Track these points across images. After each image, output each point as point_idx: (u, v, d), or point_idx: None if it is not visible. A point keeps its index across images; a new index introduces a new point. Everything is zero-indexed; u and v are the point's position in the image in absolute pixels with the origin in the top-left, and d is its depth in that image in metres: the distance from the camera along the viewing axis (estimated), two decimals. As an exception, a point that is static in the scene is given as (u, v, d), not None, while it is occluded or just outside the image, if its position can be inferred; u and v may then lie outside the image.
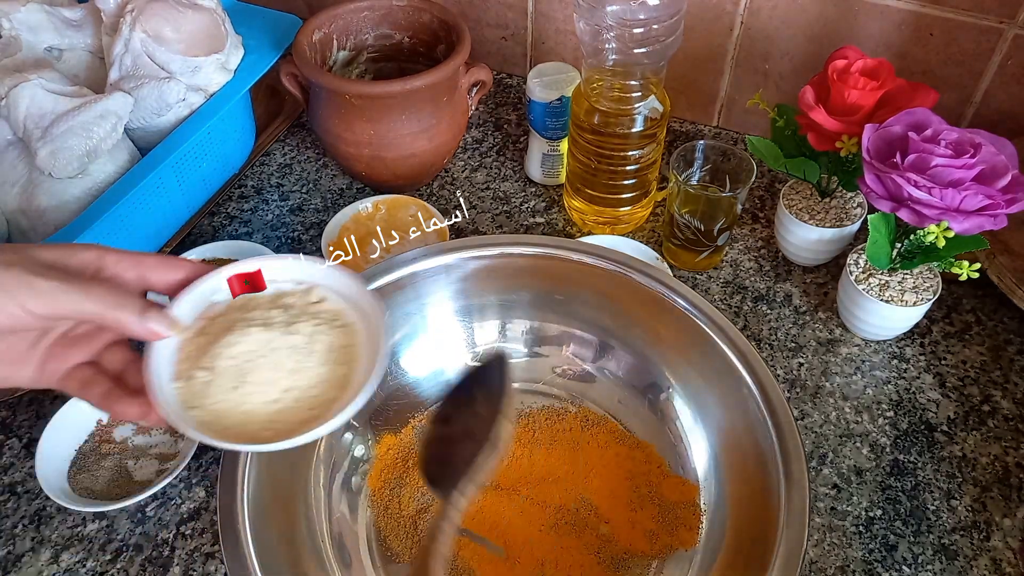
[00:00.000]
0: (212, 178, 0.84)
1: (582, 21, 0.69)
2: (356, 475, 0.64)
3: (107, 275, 0.42)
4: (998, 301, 0.76)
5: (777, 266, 0.80)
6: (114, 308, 0.39)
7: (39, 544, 0.62)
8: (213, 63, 0.76)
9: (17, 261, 0.38)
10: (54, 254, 0.41)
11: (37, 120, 0.68)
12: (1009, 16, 0.74)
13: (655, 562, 0.59)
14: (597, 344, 0.70)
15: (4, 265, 0.38)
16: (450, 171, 0.91)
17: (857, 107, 0.68)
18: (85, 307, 0.39)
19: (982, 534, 0.62)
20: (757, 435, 0.58)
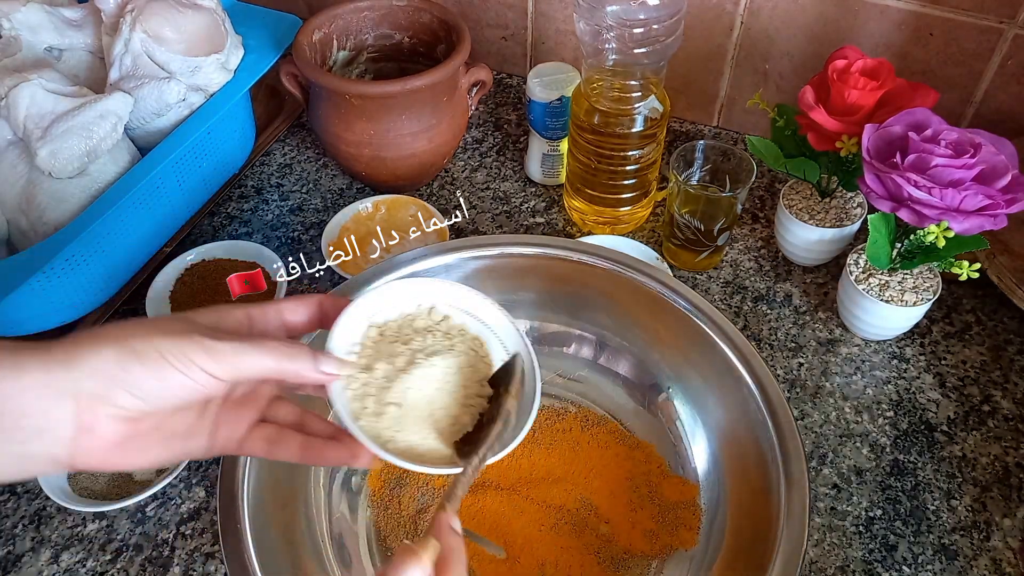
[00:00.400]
0: (212, 178, 0.84)
1: (582, 21, 0.69)
2: (356, 475, 0.64)
3: (257, 330, 0.43)
4: (998, 301, 0.76)
5: (777, 266, 0.80)
6: (290, 360, 0.40)
7: (39, 544, 0.62)
8: (213, 63, 0.76)
9: (190, 329, 0.38)
10: (210, 318, 0.41)
11: (37, 120, 0.68)
12: (1009, 16, 0.74)
13: (655, 562, 0.59)
14: (597, 344, 0.70)
15: (181, 334, 0.37)
16: (450, 171, 0.91)
17: (857, 107, 0.68)
18: (265, 364, 0.39)
19: (982, 534, 0.62)
20: (757, 435, 0.58)
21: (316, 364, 0.41)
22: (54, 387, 0.35)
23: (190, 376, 0.37)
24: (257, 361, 0.39)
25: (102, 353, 0.36)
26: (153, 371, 0.37)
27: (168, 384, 0.37)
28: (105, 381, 0.36)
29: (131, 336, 0.37)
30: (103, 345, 0.36)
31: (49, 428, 0.36)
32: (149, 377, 0.37)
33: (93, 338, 0.37)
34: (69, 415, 0.36)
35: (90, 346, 0.36)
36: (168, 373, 0.37)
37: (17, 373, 0.35)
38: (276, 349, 0.40)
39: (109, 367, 0.36)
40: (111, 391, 0.36)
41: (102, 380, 0.36)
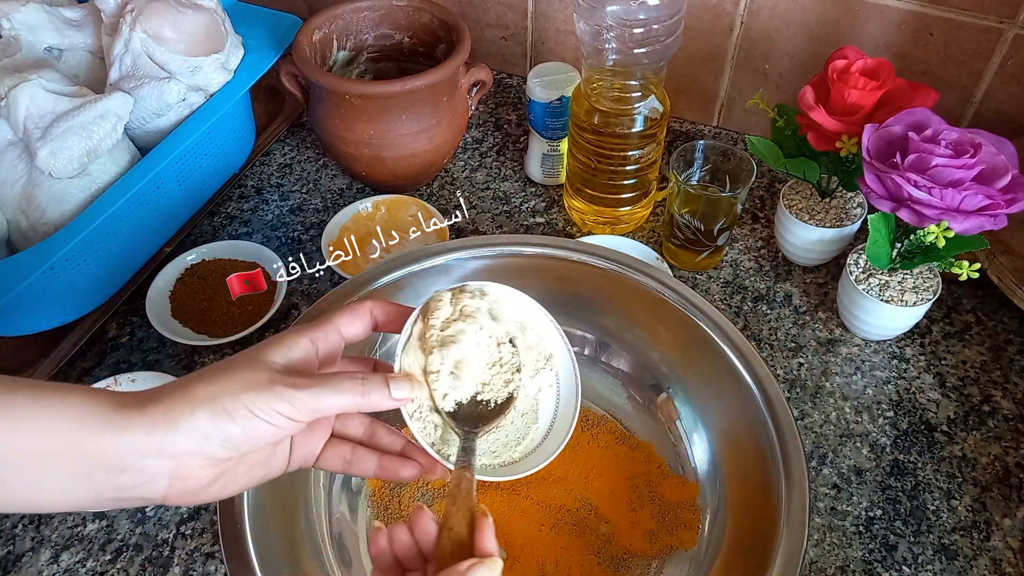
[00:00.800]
0: (212, 178, 0.84)
1: (582, 21, 0.69)
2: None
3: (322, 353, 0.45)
4: (998, 301, 0.76)
5: (777, 266, 0.80)
6: (364, 396, 0.42)
7: (39, 544, 0.62)
8: (213, 63, 0.76)
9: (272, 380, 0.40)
10: (280, 355, 0.43)
11: (37, 120, 0.68)
12: (1009, 16, 0.74)
13: (655, 562, 0.59)
14: (597, 344, 0.70)
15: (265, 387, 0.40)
16: (450, 171, 0.91)
17: (857, 107, 0.68)
18: (344, 403, 0.42)
19: (982, 534, 0.62)
20: (757, 435, 0.58)
21: (390, 393, 0.44)
22: (155, 448, 0.39)
23: (276, 425, 0.41)
24: (336, 401, 0.42)
25: (196, 416, 0.39)
26: (244, 427, 0.40)
27: (257, 434, 0.40)
28: (201, 440, 0.39)
29: (220, 395, 0.40)
30: (197, 408, 0.39)
31: (147, 481, 0.40)
32: (240, 432, 0.40)
33: (186, 399, 0.40)
34: (166, 471, 0.40)
35: (185, 408, 0.39)
36: (257, 425, 0.40)
37: (124, 433, 0.39)
38: (352, 387, 0.42)
39: (205, 427, 0.39)
40: (205, 447, 0.40)
41: (198, 439, 0.39)
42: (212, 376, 0.41)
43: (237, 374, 0.41)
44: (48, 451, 0.38)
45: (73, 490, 0.39)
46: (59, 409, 0.38)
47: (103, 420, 0.39)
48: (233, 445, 0.40)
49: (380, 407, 0.44)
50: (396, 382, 0.44)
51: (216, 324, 0.74)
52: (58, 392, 0.39)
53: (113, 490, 0.39)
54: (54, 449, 0.38)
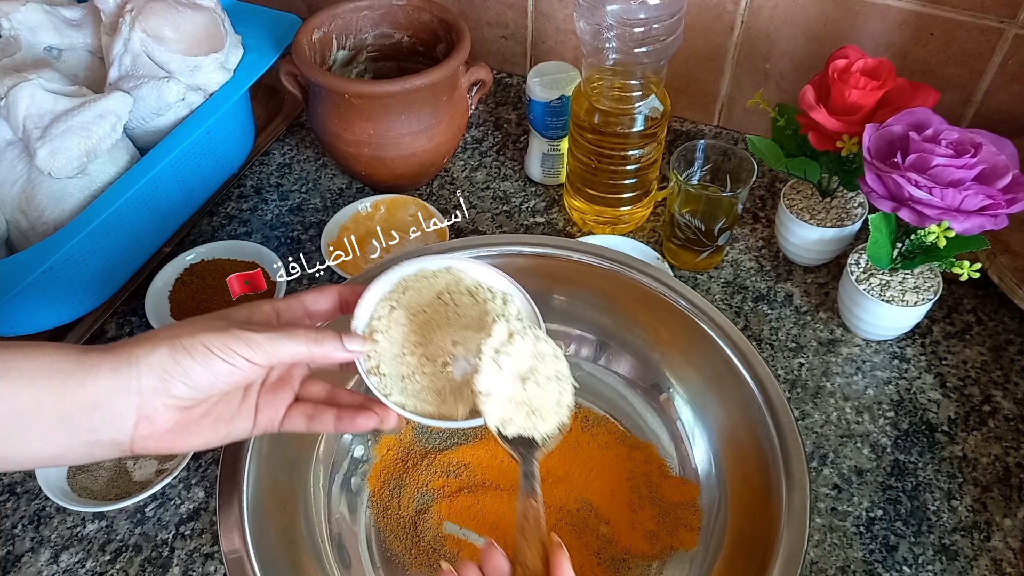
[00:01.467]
0: (211, 178, 0.84)
1: (582, 20, 0.69)
2: (356, 476, 0.64)
3: (284, 320, 0.48)
4: (999, 301, 0.76)
5: (778, 266, 0.80)
6: (318, 344, 0.45)
7: (39, 544, 0.62)
8: (212, 63, 0.76)
9: (228, 325, 0.44)
10: (242, 314, 0.47)
11: (36, 120, 0.67)
12: (1009, 16, 0.74)
13: (655, 563, 0.59)
14: (597, 344, 0.70)
15: (222, 329, 0.43)
16: (450, 171, 0.91)
17: (858, 107, 0.68)
18: (297, 349, 0.45)
19: (982, 534, 0.61)
20: (758, 435, 0.58)
21: (343, 343, 0.46)
22: (121, 385, 0.41)
23: (233, 364, 0.43)
24: (290, 347, 0.44)
25: (157, 351, 0.42)
26: (202, 362, 0.42)
27: (215, 372, 0.43)
28: (162, 375, 0.42)
29: (179, 335, 0.43)
30: (157, 345, 0.42)
31: (116, 419, 0.42)
32: (199, 367, 0.42)
33: (148, 339, 0.43)
34: (132, 407, 0.42)
35: (146, 347, 0.42)
36: (214, 363, 0.42)
37: (93, 373, 0.41)
38: (306, 335, 0.45)
39: (165, 362, 0.42)
40: (167, 383, 0.42)
41: (159, 374, 0.42)
42: (175, 324, 0.45)
43: (198, 322, 0.44)
44: (24, 402, 0.40)
45: (50, 439, 0.41)
46: (32, 361, 0.41)
47: (75, 363, 0.41)
48: (193, 382, 0.42)
49: (334, 357, 0.46)
50: (349, 336, 0.47)
51: (216, 324, 0.73)
52: (29, 347, 0.41)
53: (86, 431, 0.41)
54: (30, 399, 0.40)
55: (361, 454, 0.65)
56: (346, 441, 0.65)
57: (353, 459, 0.65)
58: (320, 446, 0.64)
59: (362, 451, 0.65)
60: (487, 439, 0.66)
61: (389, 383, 0.49)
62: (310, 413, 0.49)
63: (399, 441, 0.66)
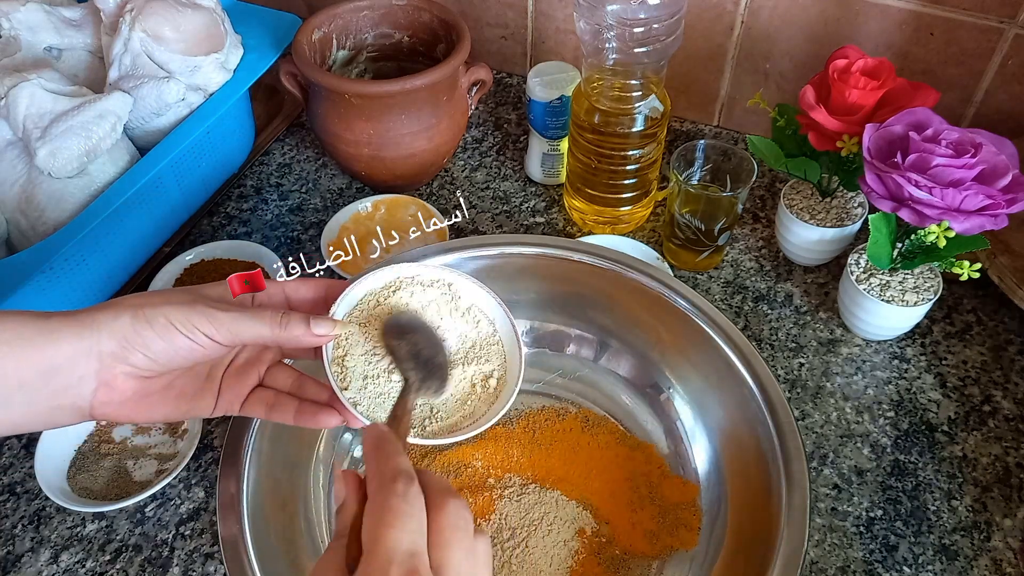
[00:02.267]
0: (211, 178, 0.84)
1: (582, 20, 0.68)
2: (356, 475, 0.64)
3: (259, 301, 0.47)
4: (999, 301, 0.76)
5: (778, 266, 0.80)
6: (284, 328, 0.44)
7: (39, 544, 0.62)
8: (212, 63, 0.76)
9: (195, 300, 0.43)
10: (217, 291, 0.46)
11: (36, 120, 0.67)
12: (1009, 16, 0.74)
13: (655, 563, 0.59)
14: (597, 344, 0.70)
15: (187, 304, 0.43)
16: (450, 171, 0.91)
17: (858, 107, 0.68)
18: (262, 331, 0.44)
19: (982, 534, 0.61)
20: (758, 435, 0.58)
21: (310, 328, 0.45)
22: (82, 348, 0.41)
23: (194, 340, 0.42)
24: (254, 328, 0.43)
25: (120, 318, 0.42)
26: (161, 335, 0.42)
27: (175, 346, 0.42)
28: (122, 342, 0.42)
29: (144, 305, 0.42)
30: (120, 312, 0.42)
31: (76, 383, 0.42)
32: (158, 340, 0.42)
33: (112, 306, 0.42)
34: (92, 372, 0.42)
35: (110, 312, 0.42)
36: (174, 336, 0.42)
37: (54, 337, 0.41)
38: (272, 318, 0.44)
39: (126, 330, 0.42)
40: (127, 351, 0.42)
41: (119, 341, 0.42)
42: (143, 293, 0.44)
43: (167, 294, 0.44)
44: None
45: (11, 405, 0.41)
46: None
47: (35, 329, 0.41)
48: (153, 355, 0.42)
49: (300, 341, 0.45)
50: (317, 320, 0.45)
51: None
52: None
53: (47, 397, 0.41)
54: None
55: (361, 454, 0.65)
56: (346, 441, 0.65)
57: (353, 459, 0.65)
58: (320, 446, 0.64)
59: (362, 451, 0.65)
60: (487, 439, 0.66)
61: (350, 378, 0.47)
62: (271, 402, 0.48)
63: (399, 441, 0.66)
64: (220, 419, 0.68)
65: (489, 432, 0.66)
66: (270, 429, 0.59)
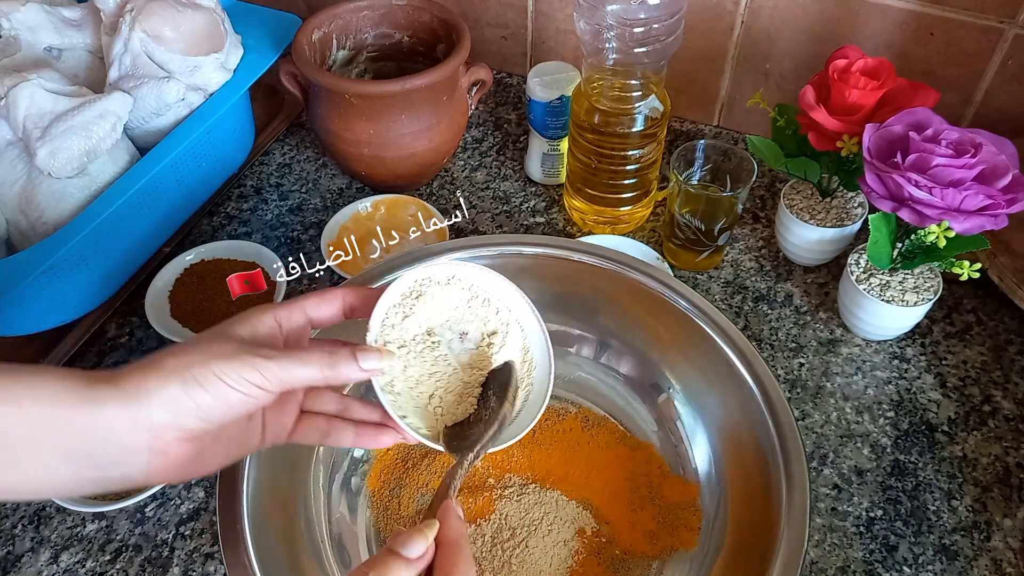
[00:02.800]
0: (211, 178, 0.84)
1: (582, 20, 0.68)
2: (356, 476, 0.64)
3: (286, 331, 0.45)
4: (999, 301, 0.76)
5: (778, 266, 0.80)
6: (332, 368, 0.42)
7: (39, 544, 0.62)
8: (212, 63, 0.76)
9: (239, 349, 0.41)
10: (245, 329, 0.43)
11: (36, 120, 0.67)
12: (1009, 16, 0.74)
13: (655, 563, 0.59)
14: (597, 344, 0.70)
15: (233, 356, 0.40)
16: (450, 171, 0.91)
17: (858, 107, 0.68)
18: (312, 375, 0.42)
19: (982, 534, 0.61)
20: (758, 435, 0.58)
21: (358, 364, 0.43)
22: (131, 421, 0.39)
23: (247, 393, 0.40)
24: (303, 372, 0.42)
25: (169, 386, 0.39)
26: (215, 395, 0.40)
27: (229, 403, 0.40)
28: (175, 411, 0.39)
29: (190, 365, 0.40)
30: (168, 378, 0.39)
31: (126, 456, 0.39)
32: (212, 400, 0.40)
33: (156, 371, 0.40)
34: (144, 445, 0.39)
35: (155, 379, 0.39)
36: (228, 394, 0.40)
37: (98, 407, 0.38)
38: (319, 359, 0.42)
39: (177, 398, 0.39)
40: (180, 418, 0.40)
41: (172, 411, 0.39)
42: (180, 349, 0.41)
43: (205, 346, 0.41)
44: (24, 432, 0.38)
45: (53, 472, 0.39)
46: (32, 388, 0.38)
47: (77, 396, 0.38)
48: (206, 415, 0.40)
49: (350, 379, 0.44)
50: (364, 354, 0.44)
51: (215, 324, 0.73)
52: (30, 373, 0.39)
53: (93, 468, 0.39)
54: (30, 430, 0.38)
55: (361, 454, 0.65)
56: (346, 441, 0.65)
57: (353, 459, 0.65)
58: (320, 446, 0.64)
59: (362, 451, 0.65)
60: (487, 439, 0.66)
61: (403, 401, 0.46)
62: (324, 428, 0.48)
63: (399, 441, 0.66)
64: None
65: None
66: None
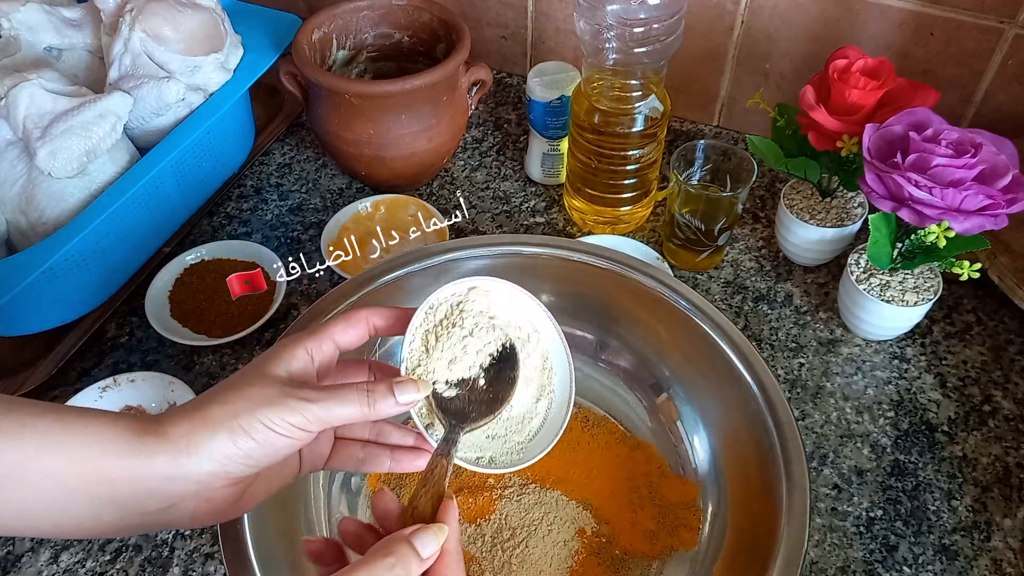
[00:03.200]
0: (211, 178, 0.84)
1: (582, 20, 0.68)
2: (356, 475, 0.64)
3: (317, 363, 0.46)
4: (999, 301, 0.76)
5: (778, 266, 0.80)
6: (371, 407, 0.43)
7: (39, 544, 0.62)
8: (212, 63, 0.76)
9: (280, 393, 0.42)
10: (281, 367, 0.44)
11: (36, 120, 0.67)
12: (1009, 16, 0.74)
13: (655, 563, 0.59)
14: (597, 344, 0.70)
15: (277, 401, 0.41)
16: (450, 171, 0.91)
17: (858, 107, 0.68)
18: (352, 413, 0.43)
19: (982, 534, 0.61)
20: (758, 435, 0.58)
21: (396, 399, 0.44)
22: (180, 473, 0.40)
23: (292, 437, 0.41)
24: (344, 411, 0.43)
25: (217, 438, 0.40)
26: (262, 442, 0.41)
27: (275, 448, 0.42)
28: (223, 462, 0.41)
29: (236, 415, 0.41)
30: (216, 430, 0.40)
31: (173, 505, 0.41)
32: (259, 447, 0.41)
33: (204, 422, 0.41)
34: (191, 494, 0.41)
35: (205, 432, 0.40)
36: (274, 440, 0.41)
37: (148, 460, 0.39)
38: (359, 398, 0.43)
39: (226, 450, 0.40)
40: (227, 467, 0.41)
41: (220, 462, 0.40)
42: (224, 396, 0.42)
43: (248, 391, 0.42)
44: (73, 476, 0.38)
45: (99, 516, 0.40)
46: (83, 434, 0.39)
47: (127, 446, 0.39)
48: (254, 461, 0.41)
49: (389, 415, 0.44)
50: (401, 387, 0.44)
51: (215, 324, 0.74)
52: (82, 417, 0.40)
53: (139, 515, 0.40)
54: (79, 474, 0.38)
55: (361, 454, 0.65)
56: (346, 441, 0.65)
57: (353, 459, 0.65)
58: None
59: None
60: (487, 439, 0.66)
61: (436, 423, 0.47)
62: (360, 456, 0.49)
63: (399, 441, 0.66)
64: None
65: (489, 432, 0.66)
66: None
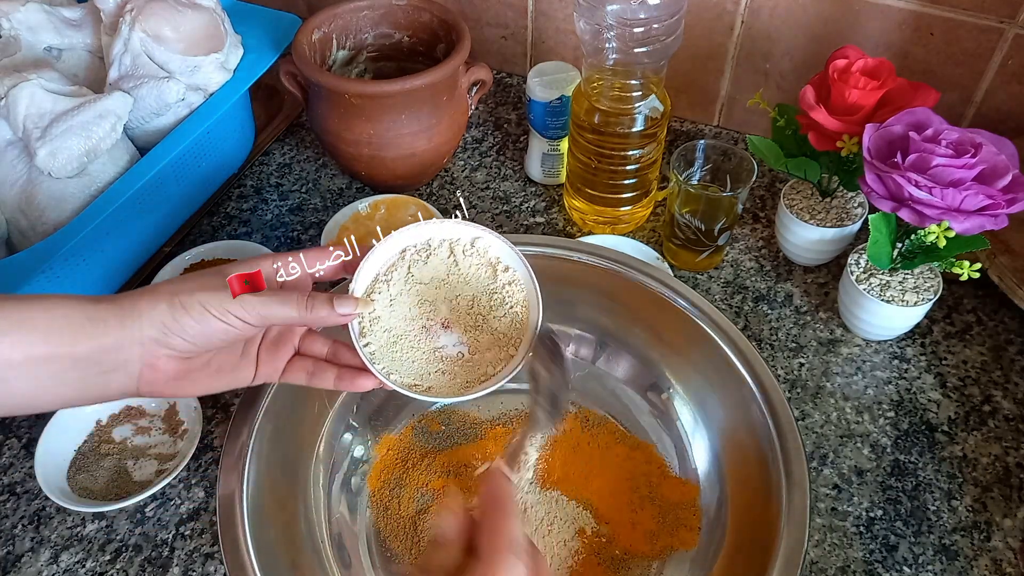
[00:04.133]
0: (211, 178, 0.84)
1: (582, 20, 0.68)
2: (356, 476, 0.64)
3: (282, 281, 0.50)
4: (999, 301, 0.76)
5: (778, 266, 0.80)
6: (309, 310, 0.47)
7: (38, 544, 0.62)
8: (212, 63, 0.76)
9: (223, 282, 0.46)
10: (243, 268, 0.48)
11: (36, 120, 0.67)
12: (1009, 16, 0.74)
13: (655, 563, 0.59)
14: (597, 344, 0.70)
15: (220, 288, 0.46)
16: (450, 171, 0.91)
17: (858, 107, 0.68)
18: (289, 313, 0.47)
19: (982, 534, 0.61)
20: (758, 435, 0.58)
21: (335, 309, 0.48)
22: (126, 336, 0.45)
23: (227, 323, 0.46)
24: (282, 310, 0.47)
25: (157, 307, 0.46)
26: (197, 320, 0.46)
27: (211, 329, 0.46)
28: (161, 329, 0.45)
29: (179, 292, 0.46)
30: (157, 300, 0.46)
31: (123, 365, 0.46)
32: (194, 324, 0.46)
33: (150, 293, 0.46)
34: (137, 356, 0.46)
35: (148, 301, 0.46)
36: (209, 320, 0.46)
37: (102, 327, 0.45)
38: (299, 301, 0.47)
39: (164, 317, 0.45)
40: (167, 336, 0.46)
41: (159, 328, 0.45)
42: (177, 279, 0.48)
43: (197, 279, 0.47)
44: (40, 352, 0.43)
45: (63, 381, 0.45)
46: (47, 314, 0.44)
47: (84, 316, 0.45)
48: (190, 338, 0.46)
49: (325, 322, 0.48)
50: (341, 299, 0.48)
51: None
52: (43, 301, 0.45)
53: (96, 375, 0.45)
54: (46, 350, 0.44)
55: (361, 454, 0.65)
56: (346, 441, 0.65)
57: (353, 459, 0.65)
58: (320, 446, 0.64)
59: (362, 451, 0.65)
60: (488, 439, 0.66)
61: (379, 349, 0.50)
62: (311, 370, 0.52)
63: (399, 441, 0.66)
64: (220, 419, 0.68)
65: (489, 432, 0.66)
66: (270, 429, 0.59)
